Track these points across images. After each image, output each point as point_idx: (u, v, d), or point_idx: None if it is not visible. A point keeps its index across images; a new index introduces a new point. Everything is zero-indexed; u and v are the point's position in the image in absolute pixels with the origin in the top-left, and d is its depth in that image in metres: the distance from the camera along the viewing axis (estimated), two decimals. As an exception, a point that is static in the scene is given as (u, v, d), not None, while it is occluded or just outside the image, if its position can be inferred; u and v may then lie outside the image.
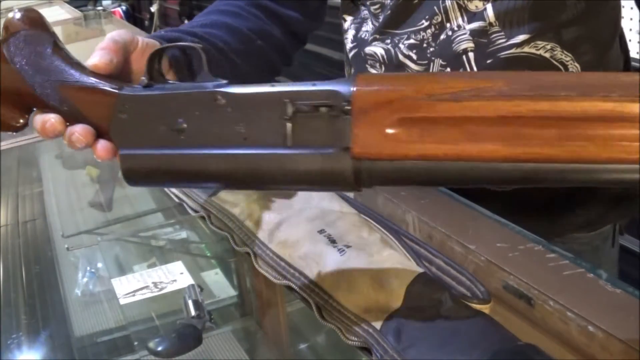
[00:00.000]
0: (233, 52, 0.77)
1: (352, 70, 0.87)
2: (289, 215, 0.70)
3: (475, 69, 0.74)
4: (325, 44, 2.50)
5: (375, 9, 0.81)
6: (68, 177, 1.09)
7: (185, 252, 0.81)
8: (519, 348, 0.48)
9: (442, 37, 0.75)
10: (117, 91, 0.48)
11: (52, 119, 0.51)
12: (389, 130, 0.37)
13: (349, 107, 0.38)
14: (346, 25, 0.87)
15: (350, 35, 0.86)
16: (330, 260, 0.61)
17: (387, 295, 0.56)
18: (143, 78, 0.49)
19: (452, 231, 0.65)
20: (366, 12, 0.83)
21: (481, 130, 0.36)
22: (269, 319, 0.70)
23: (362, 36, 0.84)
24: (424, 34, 0.77)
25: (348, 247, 0.63)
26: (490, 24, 0.72)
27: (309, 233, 0.66)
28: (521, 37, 0.71)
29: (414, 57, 0.78)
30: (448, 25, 0.75)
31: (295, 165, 0.40)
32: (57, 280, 0.74)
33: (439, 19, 0.75)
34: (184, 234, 0.85)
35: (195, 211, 0.77)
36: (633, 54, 1.53)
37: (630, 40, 1.52)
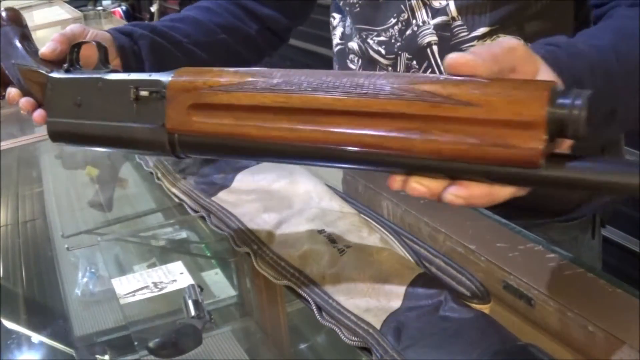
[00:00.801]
0: (194, 44, 0.89)
1: (336, 66, 0.92)
2: (289, 215, 0.70)
3: (439, 61, 0.78)
4: (317, 41, 2.50)
5: (350, 8, 0.87)
6: (68, 177, 1.09)
7: (185, 252, 0.81)
8: (519, 348, 0.48)
9: (408, 32, 0.79)
10: (47, 74, 0.63)
11: (12, 92, 0.72)
12: (188, 112, 0.48)
13: (165, 93, 0.50)
14: (335, 22, 0.92)
15: (338, 32, 0.91)
16: (330, 260, 0.61)
17: (387, 295, 0.56)
18: (65, 64, 0.62)
19: (452, 231, 0.65)
20: (347, 9, 0.89)
21: (244, 115, 0.46)
22: (269, 319, 0.70)
23: (347, 32, 0.90)
24: (392, 30, 0.81)
25: (348, 247, 0.63)
26: (453, 18, 0.76)
27: (308, 233, 0.66)
28: (482, 30, 0.75)
29: (383, 52, 0.83)
30: (414, 21, 0.79)
31: (138, 135, 0.52)
32: (57, 280, 0.74)
33: (406, 16, 0.80)
34: (184, 234, 0.85)
35: (195, 211, 0.77)
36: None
37: (630, 40, 1.53)
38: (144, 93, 0.52)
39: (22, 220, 0.91)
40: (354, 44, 0.88)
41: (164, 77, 0.50)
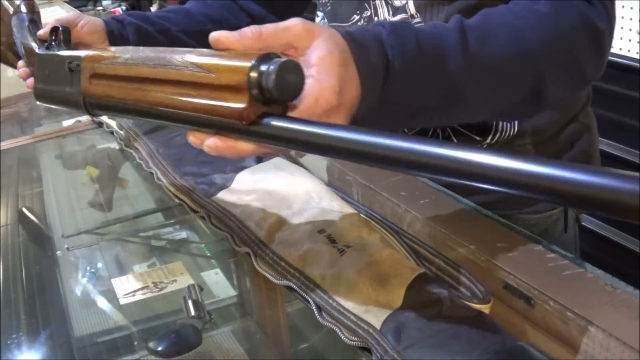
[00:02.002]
0: (182, 32, 1.00)
1: None
2: (289, 215, 0.70)
3: None
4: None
5: (323, 7, 0.93)
6: (68, 177, 1.09)
7: (185, 252, 0.81)
8: (519, 348, 0.48)
9: None
10: (36, 50, 0.77)
11: (20, 64, 0.88)
12: (90, 80, 0.61)
13: (81, 65, 0.62)
14: (317, 20, 0.96)
15: None
16: (330, 260, 0.61)
17: (387, 295, 0.56)
18: (45, 42, 0.76)
19: (452, 231, 0.64)
20: (322, 8, 0.94)
21: (116, 82, 0.57)
22: (269, 319, 0.70)
23: None
24: (357, 26, 0.83)
25: (348, 247, 0.63)
26: (412, 16, 0.79)
27: (308, 233, 0.66)
28: None
29: None
30: (376, 18, 0.83)
31: (71, 98, 0.64)
32: (57, 280, 0.74)
33: (368, 14, 0.84)
34: (184, 234, 0.85)
35: (195, 211, 0.77)
36: (633, 54, 1.53)
37: (630, 40, 1.53)
38: (72, 66, 0.66)
39: (22, 220, 0.91)
40: None
41: (83, 54, 0.64)
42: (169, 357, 0.58)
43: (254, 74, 0.47)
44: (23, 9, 0.89)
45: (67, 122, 1.23)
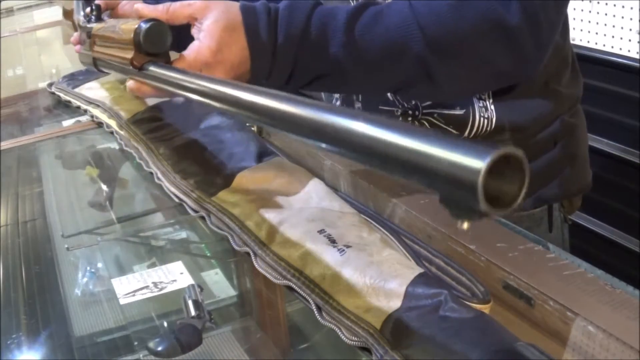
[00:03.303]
0: None
1: None
2: (289, 215, 0.70)
3: None
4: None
5: None
6: (68, 177, 1.09)
7: (185, 252, 0.81)
8: (519, 348, 0.48)
9: None
10: (80, 23, 0.99)
11: (75, 34, 1.04)
12: (92, 43, 0.88)
13: (91, 35, 0.89)
14: None
15: None
16: (330, 260, 0.61)
17: (387, 295, 0.56)
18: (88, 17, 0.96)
19: (452, 231, 0.64)
20: None
21: (97, 46, 0.89)
22: (269, 319, 0.70)
23: None
24: None
25: (348, 247, 0.63)
26: None
27: (309, 233, 0.66)
28: None
29: None
30: None
31: (88, 60, 0.93)
32: (57, 280, 0.74)
33: None
34: (184, 234, 0.85)
35: (195, 211, 0.77)
36: (633, 54, 1.53)
37: (630, 41, 1.53)
38: (89, 34, 0.90)
39: (22, 220, 0.91)
40: None
41: (94, 26, 0.88)
42: (169, 357, 0.58)
43: (135, 33, 0.71)
44: None
45: (67, 122, 1.23)
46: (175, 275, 0.70)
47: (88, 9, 1.00)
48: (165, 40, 0.72)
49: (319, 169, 0.84)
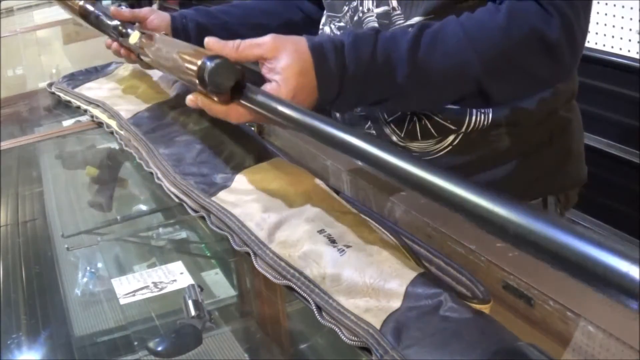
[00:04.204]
0: (241, 25, 1.14)
1: None
2: (289, 215, 0.70)
3: None
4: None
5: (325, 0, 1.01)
6: (68, 177, 1.09)
7: (185, 252, 0.81)
8: (519, 348, 0.48)
9: (355, 18, 0.91)
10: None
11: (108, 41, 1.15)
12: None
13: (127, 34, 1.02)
14: (323, 12, 1.03)
15: (322, 19, 1.02)
16: (330, 260, 0.61)
17: (387, 295, 0.56)
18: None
19: (452, 231, 0.65)
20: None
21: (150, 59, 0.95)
22: (269, 319, 0.70)
23: (325, 20, 1.02)
24: (346, 17, 0.93)
25: (348, 247, 0.63)
26: (394, 8, 0.86)
27: (308, 233, 0.66)
28: (416, 19, 0.83)
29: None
30: (360, 8, 0.90)
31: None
32: (57, 280, 0.74)
33: (355, 4, 0.91)
34: (184, 234, 0.85)
35: (195, 211, 0.77)
36: (633, 54, 1.53)
37: (630, 41, 1.52)
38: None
39: (22, 220, 0.91)
40: (326, 29, 1.00)
41: (137, 40, 0.98)
42: (169, 357, 0.58)
43: (200, 69, 0.69)
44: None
45: (67, 122, 1.23)
46: (175, 275, 0.70)
47: (116, 21, 1.07)
48: (230, 79, 0.69)
49: (318, 169, 0.84)
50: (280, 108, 0.63)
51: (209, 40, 0.75)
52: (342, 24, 0.95)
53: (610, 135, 1.60)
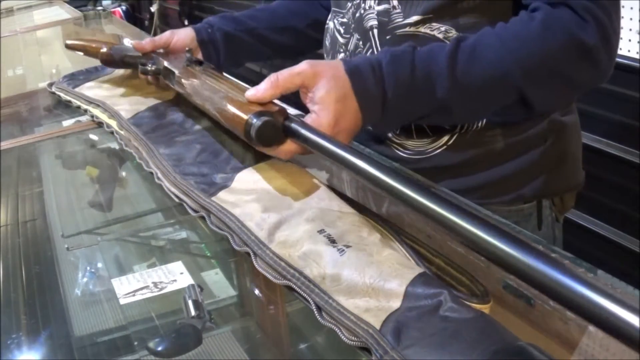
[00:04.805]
0: (269, 29, 1.15)
1: (324, 41, 1.08)
2: (289, 215, 0.70)
3: (378, 43, 0.89)
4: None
5: None
6: (68, 177, 1.09)
7: (185, 252, 0.81)
8: (519, 348, 0.48)
9: (357, 15, 0.91)
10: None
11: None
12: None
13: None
14: (330, 15, 1.04)
15: (329, 15, 1.04)
16: (330, 260, 0.61)
17: (386, 295, 0.56)
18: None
19: (452, 231, 0.64)
20: None
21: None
22: (269, 319, 0.70)
23: (330, 15, 1.03)
24: (349, 13, 0.94)
25: (348, 247, 0.63)
26: (394, 7, 0.86)
27: (308, 233, 0.66)
28: (415, 18, 0.84)
29: (342, 31, 0.96)
30: (363, 5, 0.90)
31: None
32: (57, 280, 0.74)
33: (357, 1, 0.91)
34: (184, 234, 0.85)
35: (195, 211, 0.77)
36: (633, 54, 1.53)
37: (630, 41, 1.53)
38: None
39: (22, 220, 0.91)
40: (330, 24, 1.01)
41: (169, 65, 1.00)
42: (169, 357, 0.58)
43: (246, 125, 0.71)
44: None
45: (67, 122, 1.23)
46: (175, 275, 0.70)
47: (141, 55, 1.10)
48: (277, 135, 0.72)
49: (318, 168, 0.84)
50: (321, 141, 0.66)
51: (249, 94, 0.74)
52: (345, 19, 0.95)
53: (610, 135, 1.60)
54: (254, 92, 0.74)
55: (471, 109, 0.79)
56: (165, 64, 1.01)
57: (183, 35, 1.11)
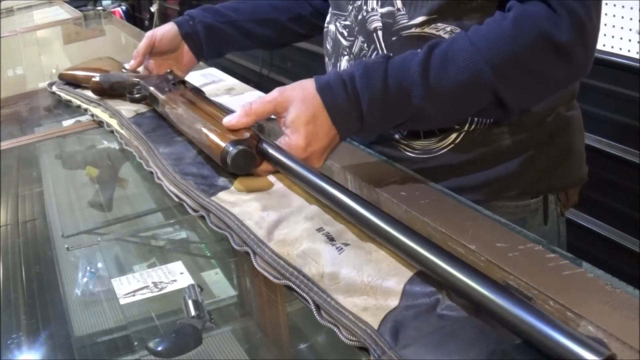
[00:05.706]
0: (251, 21, 1.16)
1: (324, 44, 1.06)
2: (288, 213, 0.70)
3: (383, 45, 0.89)
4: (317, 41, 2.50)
5: None
6: (68, 177, 1.09)
7: (185, 252, 0.81)
8: (516, 347, 0.48)
9: (360, 17, 0.91)
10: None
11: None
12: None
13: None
14: (329, 10, 1.03)
15: (327, 17, 1.03)
16: (329, 259, 0.61)
17: (384, 293, 0.56)
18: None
19: (452, 231, 0.64)
20: None
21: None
22: (269, 319, 0.70)
23: (330, 18, 1.02)
24: (351, 15, 0.94)
25: (346, 245, 0.63)
26: (398, 9, 0.86)
27: (307, 231, 0.66)
28: (420, 19, 0.84)
29: (345, 34, 0.96)
30: (365, 7, 0.90)
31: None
32: (57, 280, 0.74)
33: (359, 4, 0.91)
34: (184, 234, 0.85)
35: (195, 211, 0.77)
36: (633, 54, 1.53)
37: (630, 40, 1.52)
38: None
39: (22, 220, 0.91)
40: (331, 27, 1.00)
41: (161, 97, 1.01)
42: (169, 357, 0.58)
43: (224, 152, 0.76)
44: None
45: (67, 122, 1.23)
46: (175, 275, 0.70)
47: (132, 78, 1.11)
48: (250, 163, 0.77)
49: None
50: (289, 163, 0.73)
51: (227, 121, 0.79)
52: (347, 22, 0.95)
53: (610, 135, 1.60)
54: (229, 120, 0.79)
55: (449, 113, 0.79)
56: (151, 89, 1.03)
57: (166, 31, 1.14)
